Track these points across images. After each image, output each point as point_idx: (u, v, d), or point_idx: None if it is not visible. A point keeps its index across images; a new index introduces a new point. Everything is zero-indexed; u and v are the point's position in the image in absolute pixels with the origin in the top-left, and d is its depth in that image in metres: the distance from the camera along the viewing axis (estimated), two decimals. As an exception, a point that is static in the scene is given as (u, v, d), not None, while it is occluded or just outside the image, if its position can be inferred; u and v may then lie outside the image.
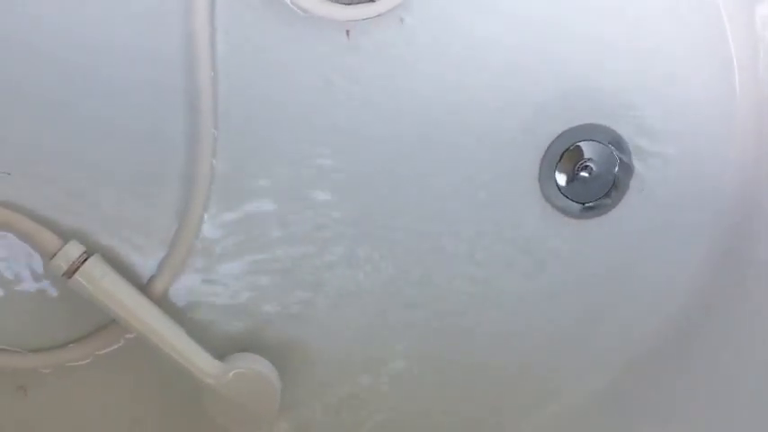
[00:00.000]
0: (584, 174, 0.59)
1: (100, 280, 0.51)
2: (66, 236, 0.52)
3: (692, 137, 0.58)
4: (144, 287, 0.55)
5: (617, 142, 0.58)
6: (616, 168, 0.59)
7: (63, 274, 0.50)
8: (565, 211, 0.59)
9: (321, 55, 0.54)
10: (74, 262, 0.50)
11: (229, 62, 0.53)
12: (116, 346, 0.55)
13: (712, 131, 0.58)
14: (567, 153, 0.58)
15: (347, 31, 0.54)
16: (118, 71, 0.53)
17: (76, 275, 0.50)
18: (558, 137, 0.58)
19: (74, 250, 0.51)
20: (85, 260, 0.51)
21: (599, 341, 0.62)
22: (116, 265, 0.53)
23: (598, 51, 0.57)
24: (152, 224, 0.55)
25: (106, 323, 0.55)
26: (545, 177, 0.59)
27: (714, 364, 0.57)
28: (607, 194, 0.59)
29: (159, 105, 0.53)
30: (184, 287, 0.56)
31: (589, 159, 0.59)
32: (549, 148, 0.58)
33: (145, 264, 0.55)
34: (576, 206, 0.59)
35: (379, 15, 0.52)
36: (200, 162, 0.54)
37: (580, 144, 0.58)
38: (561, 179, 0.59)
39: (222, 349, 0.56)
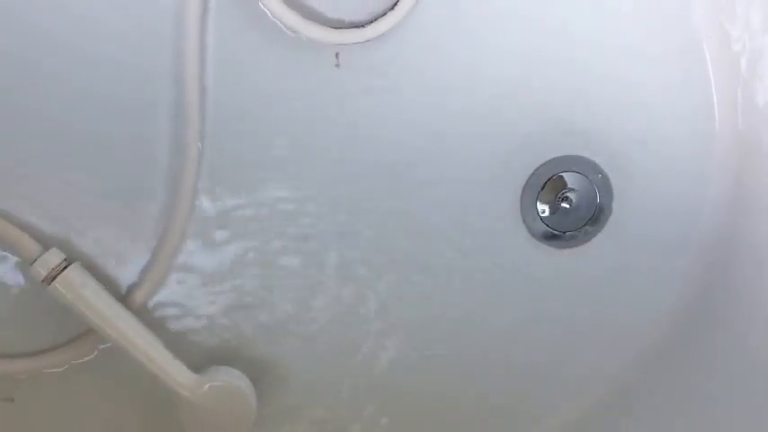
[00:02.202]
0: (564, 204, 0.59)
1: (79, 288, 0.51)
2: (47, 243, 0.52)
3: (671, 174, 0.59)
4: (124, 297, 0.55)
5: (598, 175, 0.59)
6: (596, 200, 0.59)
7: (42, 281, 0.50)
8: (544, 240, 0.60)
9: (310, 76, 0.55)
10: (53, 269, 0.50)
11: (219, 79, 0.54)
12: (91, 356, 0.55)
13: (692, 169, 0.59)
14: (548, 183, 0.59)
15: (336, 54, 0.54)
16: (106, 83, 0.53)
17: (55, 283, 0.50)
18: (540, 167, 0.59)
19: (54, 257, 0.51)
20: (65, 268, 0.51)
21: (572, 372, 0.62)
22: (97, 274, 0.53)
23: (583, 85, 0.58)
24: (135, 235, 0.55)
25: (83, 332, 0.55)
26: (526, 206, 0.59)
27: (688, 398, 0.57)
28: (586, 225, 0.60)
29: (146, 118, 0.54)
30: (165, 298, 0.57)
31: (570, 190, 0.59)
32: (530, 177, 0.59)
33: (126, 274, 0.56)
34: (556, 235, 0.60)
35: (368, 41, 0.52)
36: (185, 175, 0.54)
37: (562, 175, 0.59)
38: (542, 208, 0.60)
39: (201, 362, 0.56)
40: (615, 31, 0.57)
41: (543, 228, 0.60)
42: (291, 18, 0.51)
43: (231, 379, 0.55)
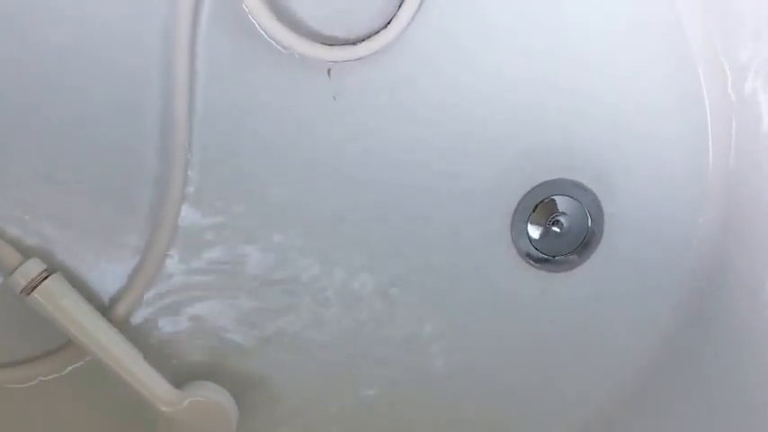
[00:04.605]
0: (555, 228, 0.59)
1: (59, 299, 0.50)
2: (29, 253, 0.52)
3: (663, 200, 0.59)
4: (106, 309, 0.54)
5: (589, 199, 0.59)
6: (587, 225, 0.59)
7: (21, 292, 0.50)
8: (534, 263, 0.60)
9: (301, 91, 0.55)
10: (33, 279, 0.50)
11: (209, 91, 0.54)
12: (63, 372, 0.54)
13: (684, 195, 0.59)
14: (540, 206, 0.59)
15: (328, 70, 0.54)
16: (94, 89, 0.53)
17: (35, 293, 0.50)
18: (532, 189, 0.58)
19: (34, 267, 0.50)
20: (45, 278, 0.50)
21: (558, 397, 0.61)
22: (79, 285, 0.53)
23: (577, 109, 0.57)
24: (120, 245, 0.55)
25: (55, 348, 0.54)
26: (517, 228, 0.59)
27: (675, 423, 0.57)
28: (576, 250, 0.60)
29: (134, 126, 0.53)
30: (148, 311, 0.56)
31: (561, 214, 0.59)
32: (522, 199, 0.59)
33: (109, 285, 0.55)
34: (546, 259, 0.60)
35: (359, 59, 0.52)
36: (171, 184, 0.53)
37: (554, 198, 0.59)
38: (533, 231, 0.59)
39: (183, 377, 0.55)
40: (610, 57, 0.57)
41: (533, 251, 0.59)
42: (283, 34, 0.51)
43: (212, 394, 0.55)
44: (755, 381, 0.52)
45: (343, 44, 0.52)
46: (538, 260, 0.59)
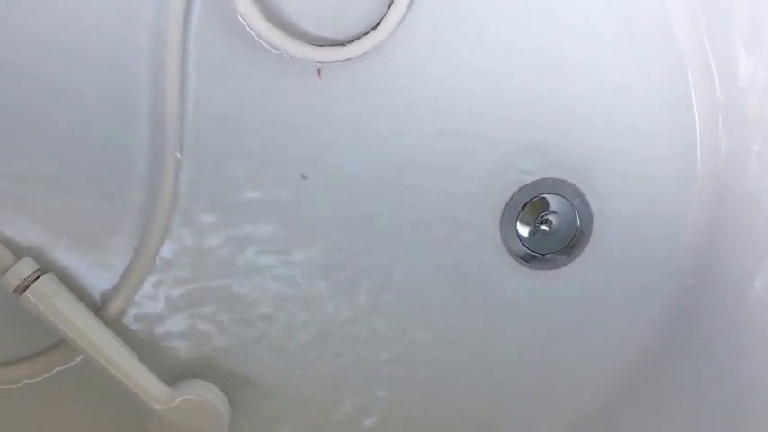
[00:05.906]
0: (544, 227, 0.59)
1: (51, 298, 0.50)
2: (21, 252, 0.52)
3: (652, 199, 0.59)
4: (98, 309, 0.55)
5: (579, 198, 0.59)
6: (576, 224, 0.59)
7: (13, 291, 0.50)
8: (523, 261, 0.60)
9: (291, 92, 0.55)
10: (25, 278, 0.50)
11: (200, 92, 0.54)
12: (50, 374, 0.54)
13: (672, 195, 0.59)
14: (529, 204, 0.59)
15: (318, 71, 0.54)
16: (85, 88, 0.53)
17: (27, 293, 0.50)
18: (521, 188, 0.59)
19: (26, 267, 0.50)
20: (38, 278, 0.50)
21: (548, 395, 0.62)
22: (71, 285, 0.53)
23: (566, 109, 0.58)
24: (111, 246, 0.55)
25: (43, 349, 0.54)
26: (506, 227, 0.59)
27: (662, 422, 0.57)
28: (565, 248, 0.60)
29: (125, 131, 0.54)
30: (141, 309, 0.56)
31: (551, 212, 0.59)
32: (512, 198, 0.59)
33: (102, 284, 0.55)
34: (535, 257, 0.60)
35: (349, 60, 0.52)
36: (162, 189, 0.54)
37: (543, 196, 0.59)
38: (522, 230, 0.59)
39: (175, 375, 0.56)
40: (599, 57, 0.57)
41: (523, 249, 0.60)
42: (273, 35, 0.51)
43: (204, 392, 0.55)
44: (744, 377, 0.52)
45: (333, 45, 0.52)
46: (527, 259, 0.60)
